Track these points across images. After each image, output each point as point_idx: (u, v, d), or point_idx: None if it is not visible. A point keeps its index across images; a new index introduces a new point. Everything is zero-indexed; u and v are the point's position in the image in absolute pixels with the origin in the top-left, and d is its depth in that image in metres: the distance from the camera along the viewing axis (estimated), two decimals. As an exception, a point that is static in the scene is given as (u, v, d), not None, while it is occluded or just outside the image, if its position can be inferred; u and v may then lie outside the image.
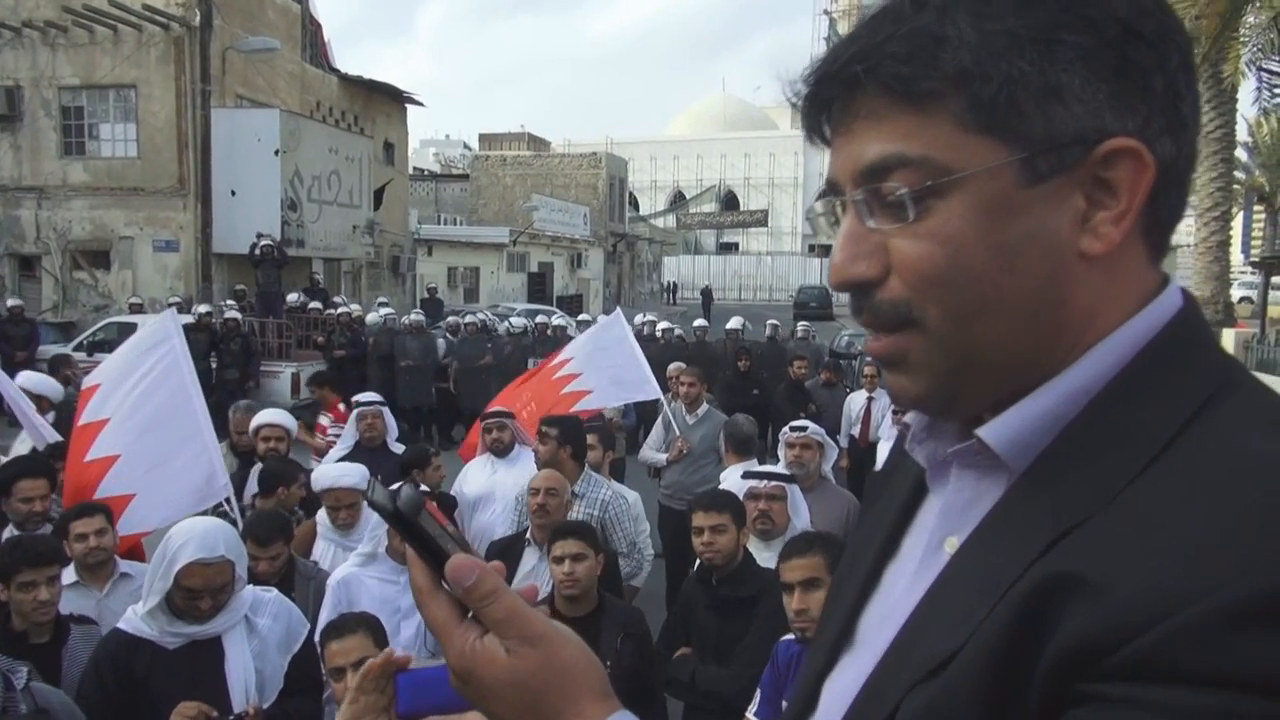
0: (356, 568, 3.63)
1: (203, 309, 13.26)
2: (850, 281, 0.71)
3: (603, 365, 6.73)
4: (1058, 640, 0.56)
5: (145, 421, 4.62)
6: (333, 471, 4.39)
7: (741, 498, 3.69)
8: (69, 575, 3.48)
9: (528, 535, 4.19)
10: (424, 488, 4.60)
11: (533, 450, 5.01)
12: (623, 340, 6.92)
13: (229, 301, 13.79)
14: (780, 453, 5.11)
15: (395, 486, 0.74)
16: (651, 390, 6.69)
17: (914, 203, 0.66)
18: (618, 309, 8.40)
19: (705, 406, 6.75)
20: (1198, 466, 0.59)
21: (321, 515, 4.34)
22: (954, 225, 0.66)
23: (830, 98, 0.70)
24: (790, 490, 3.72)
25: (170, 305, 13.47)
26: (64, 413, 5.96)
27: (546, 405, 6.29)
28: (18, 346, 13.31)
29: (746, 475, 3.78)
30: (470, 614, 0.71)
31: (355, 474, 4.22)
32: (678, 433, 6.48)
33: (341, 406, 7.11)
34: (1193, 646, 0.51)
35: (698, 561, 3.59)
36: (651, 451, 6.71)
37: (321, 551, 4.25)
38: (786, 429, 5.05)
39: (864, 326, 0.73)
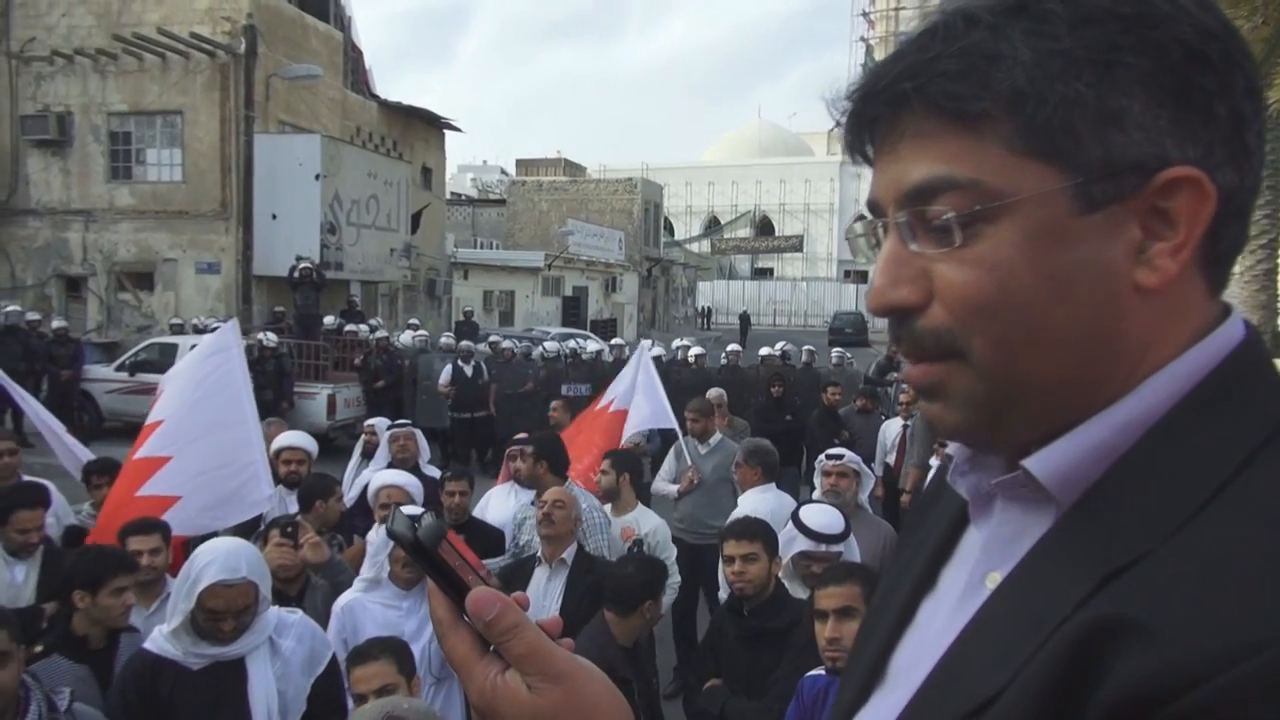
0: (360, 593, 3.61)
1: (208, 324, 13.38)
2: (890, 306, 0.68)
3: (635, 394, 6.73)
4: (1109, 687, 0.52)
5: (199, 427, 4.73)
6: (389, 475, 4.77)
7: (792, 546, 3.55)
8: None
9: (538, 555, 4.18)
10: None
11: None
12: (646, 371, 6.87)
13: (266, 331, 13.85)
14: (816, 481, 5.03)
15: (417, 514, 0.70)
16: (666, 420, 6.55)
17: (961, 227, 0.64)
18: (643, 342, 8.37)
19: (718, 436, 6.60)
20: (1260, 504, 0.56)
21: (373, 535, 4.35)
22: (1003, 252, 0.63)
23: (875, 116, 0.68)
24: (847, 544, 3.53)
25: (210, 325, 13.68)
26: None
27: (610, 441, 6.33)
28: (63, 366, 13.54)
29: (805, 531, 3.51)
30: (492, 648, 0.68)
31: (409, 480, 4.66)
32: (689, 463, 6.28)
33: None
34: (1258, 697, 0.48)
35: (700, 593, 3.50)
36: (663, 483, 6.47)
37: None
38: (822, 457, 4.96)
39: (902, 354, 0.70)
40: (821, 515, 3.59)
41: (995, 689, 0.59)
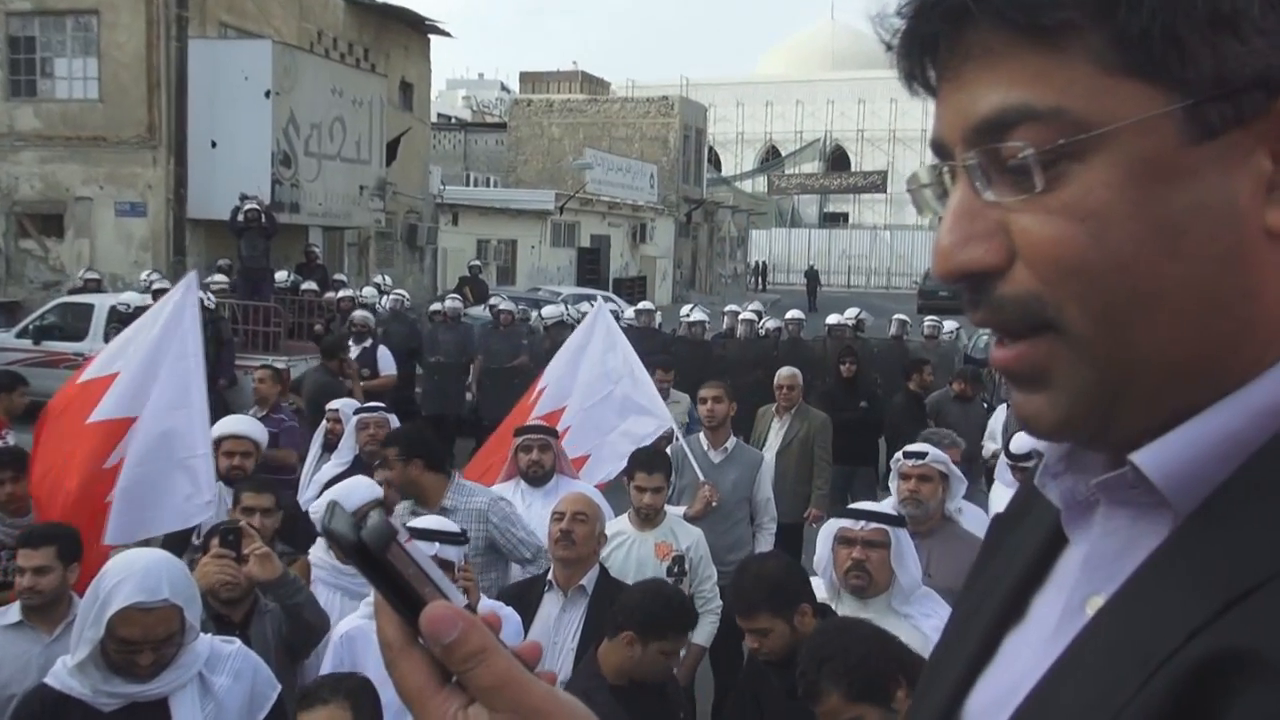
0: (364, 619, 3.65)
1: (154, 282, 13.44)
2: (962, 270, 0.69)
3: (591, 406, 6.41)
4: None
5: (147, 413, 4.81)
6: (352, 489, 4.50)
7: (829, 543, 3.62)
8: (13, 614, 3.69)
9: (549, 577, 4.21)
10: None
11: (570, 479, 5.07)
12: (612, 347, 6.52)
13: (215, 278, 13.95)
14: (892, 485, 5.00)
15: (364, 506, 0.71)
16: (663, 419, 6.26)
17: (1043, 168, 0.64)
18: (599, 299, 8.13)
19: (733, 440, 6.19)
20: None
21: (319, 553, 4.34)
22: (1097, 196, 0.64)
23: (933, 34, 0.68)
24: (896, 536, 3.61)
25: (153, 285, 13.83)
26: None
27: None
28: (-49, 332, 13.75)
29: (842, 513, 3.69)
30: (454, 678, 0.69)
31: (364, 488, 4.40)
32: (700, 476, 5.82)
33: None
34: None
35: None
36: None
37: (325, 601, 4.26)
38: (899, 455, 4.94)
39: (981, 326, 0.71)
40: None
41: None
